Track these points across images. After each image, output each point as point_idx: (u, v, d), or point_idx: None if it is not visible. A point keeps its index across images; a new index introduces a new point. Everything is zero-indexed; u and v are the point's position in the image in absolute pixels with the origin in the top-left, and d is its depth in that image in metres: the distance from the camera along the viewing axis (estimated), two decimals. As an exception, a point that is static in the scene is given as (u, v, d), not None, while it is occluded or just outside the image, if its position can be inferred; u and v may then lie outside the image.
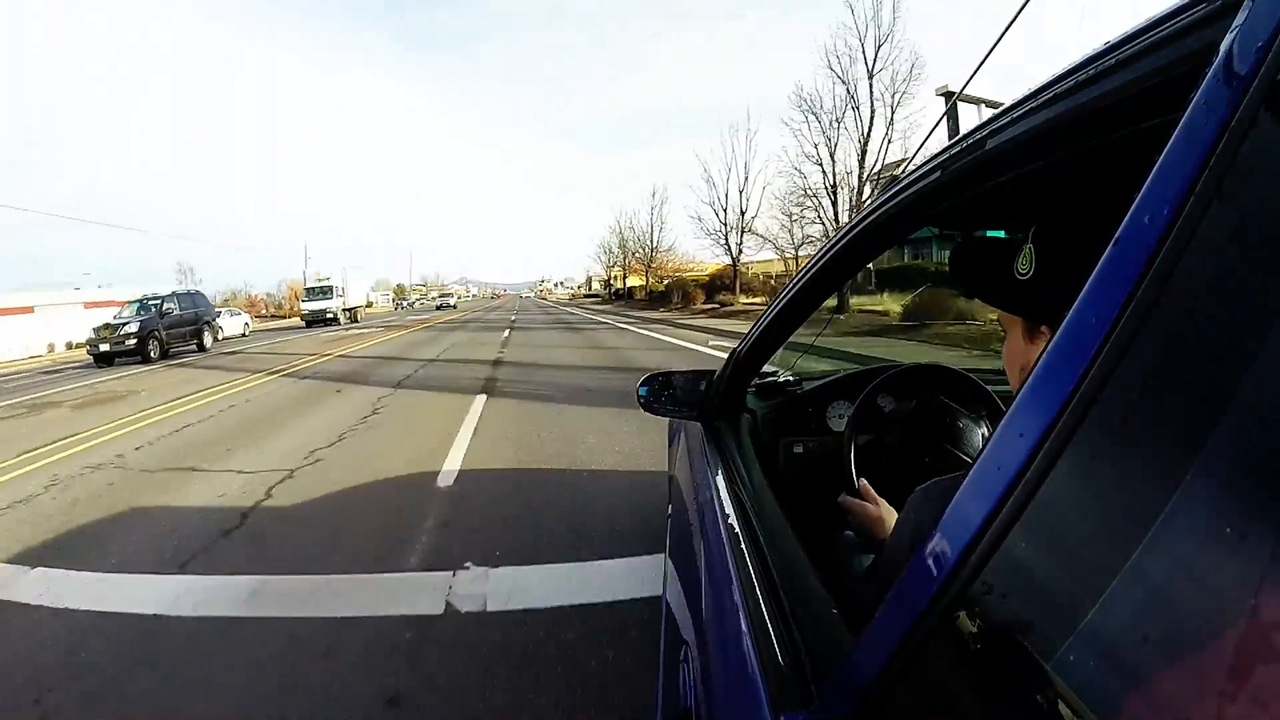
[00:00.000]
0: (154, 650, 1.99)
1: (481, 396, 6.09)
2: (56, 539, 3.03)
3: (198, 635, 2.07)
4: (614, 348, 10.93)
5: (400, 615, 2.09)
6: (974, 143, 0.60)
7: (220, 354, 14.22)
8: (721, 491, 0.99)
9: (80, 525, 3.21)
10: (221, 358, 13.07)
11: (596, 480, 3.42)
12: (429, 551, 2.59)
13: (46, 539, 3.04)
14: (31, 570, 2.68)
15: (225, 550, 2.75)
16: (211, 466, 4.15)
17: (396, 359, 10.37)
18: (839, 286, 1.10)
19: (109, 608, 2.28)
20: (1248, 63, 0.28)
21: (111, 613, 2.24)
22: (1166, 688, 0.24)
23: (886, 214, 0.79)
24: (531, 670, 1.77)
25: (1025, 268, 0.59)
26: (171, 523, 3.14)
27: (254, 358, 12.54)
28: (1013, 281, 0.61)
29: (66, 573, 2.62)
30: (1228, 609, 0.23)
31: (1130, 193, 0.32)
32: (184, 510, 3.33)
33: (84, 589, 2.45)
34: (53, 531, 3.12)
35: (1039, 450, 0.31)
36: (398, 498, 3.31)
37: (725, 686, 0.66)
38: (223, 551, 2.74)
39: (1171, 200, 0.29)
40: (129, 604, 2.29)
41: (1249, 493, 0.23)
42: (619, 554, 2.46)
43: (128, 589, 2.43)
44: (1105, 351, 0.29)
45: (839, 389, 1.56)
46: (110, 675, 1.88)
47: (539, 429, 4.63)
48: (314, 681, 1.78)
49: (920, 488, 0.64)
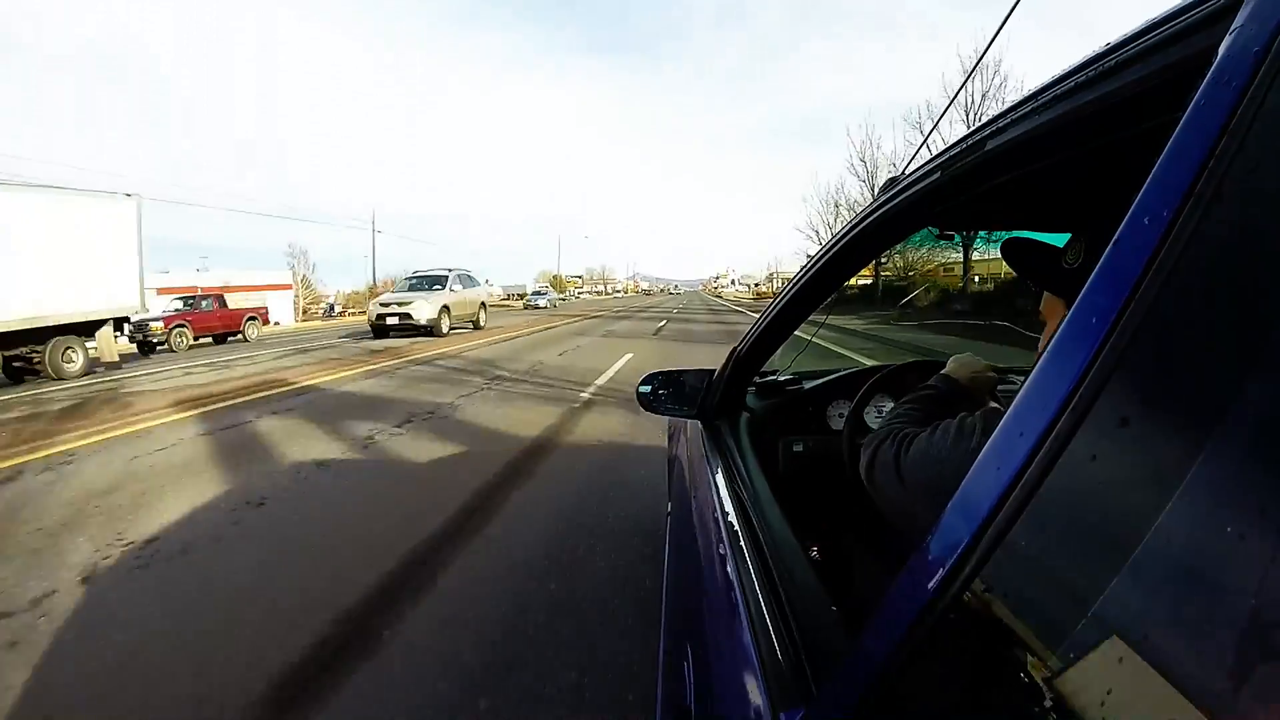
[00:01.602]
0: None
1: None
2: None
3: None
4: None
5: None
6: (974, 144, 0.60)
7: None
8: (721, 490, 0.99)
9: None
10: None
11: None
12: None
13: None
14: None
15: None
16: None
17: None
18: (840, 285, 1.10)
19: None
20: (1247, 64, 0.28)
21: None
22: (1168, 686, 0.24)
23: (887, 213, 0.79)
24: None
25: (1074, 258, 0.67)
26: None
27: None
28: (1060, 269, 0.69)
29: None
30: (1228, 608, 0.23)
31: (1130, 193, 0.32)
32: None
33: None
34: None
35: (1039, 449, 0.31)
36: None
37: (725, 685, 0.66)
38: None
39: (1171, 201, 0.29)
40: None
41: (1249, 493, 0.23)
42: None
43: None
44: (1106, 351, 0.30)
45: (839, 388, 1.56)
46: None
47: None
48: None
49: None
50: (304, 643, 1.79)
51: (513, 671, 1.65)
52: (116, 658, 1.76)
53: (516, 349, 10.00)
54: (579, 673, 1.63)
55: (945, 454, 0.64)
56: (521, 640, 1.79)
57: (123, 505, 3.02)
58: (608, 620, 1.89)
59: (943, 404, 0.86)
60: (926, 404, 0.84)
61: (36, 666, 1.74)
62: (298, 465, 3.60)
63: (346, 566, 2.27)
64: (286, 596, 2.08)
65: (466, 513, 2.76)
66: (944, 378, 0.92)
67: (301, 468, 3.55)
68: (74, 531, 2.71)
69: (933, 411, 0.81)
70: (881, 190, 0.83)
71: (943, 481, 0.62)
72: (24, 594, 2.15)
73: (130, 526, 2.74)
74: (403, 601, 2.01)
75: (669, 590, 1.28)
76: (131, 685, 1.64)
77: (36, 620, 1.98)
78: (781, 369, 1.68)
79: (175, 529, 2.70)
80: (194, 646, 1.81)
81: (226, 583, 2.18)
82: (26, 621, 1.97)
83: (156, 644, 1.83)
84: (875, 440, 0.75)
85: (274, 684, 1.62)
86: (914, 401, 0.85)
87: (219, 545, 2.51)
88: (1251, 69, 0.28)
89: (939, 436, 0.67)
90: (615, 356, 8.50)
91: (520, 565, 2.25)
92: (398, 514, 2.79)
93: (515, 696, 1.55)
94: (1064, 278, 0.68)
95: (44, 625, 1.95)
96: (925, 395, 0.87)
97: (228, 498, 3.09)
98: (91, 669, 1.72)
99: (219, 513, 2.88)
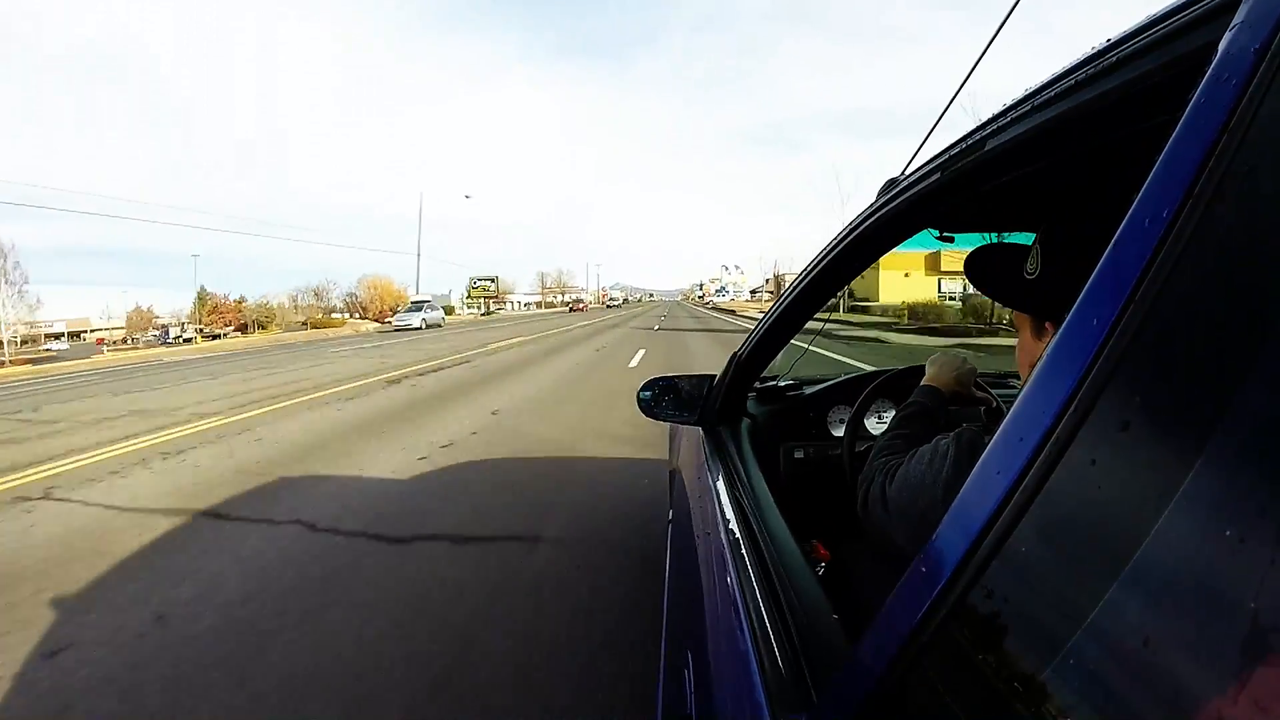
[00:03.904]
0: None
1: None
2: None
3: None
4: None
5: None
6: (974, 143, 0.60)
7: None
8: (722, 496, 0.99)
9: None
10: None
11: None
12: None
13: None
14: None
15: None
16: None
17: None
18: (840, 288, 1.10)
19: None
20: (1247, 62, 0.28)
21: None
22: (1167, 692, 0.24)
23: (887, 215, 0.79)
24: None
25: (1032, 268, 0.62)
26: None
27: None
28: (1021, 281, 0.64)
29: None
30: (1228, 612, 0.22)
31: (1130, 193, 0.31)
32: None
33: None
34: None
35: (1039, 453, 0.30)
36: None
37: (725, 691, 0.65)
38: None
39: (1171, 200, 0.29)
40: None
41: (1249, 495, 0.23)
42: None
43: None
44: (1105, 354, 0.29)
45: (839, 393, 1.55)
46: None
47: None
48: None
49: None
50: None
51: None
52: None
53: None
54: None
55: (921, 478, 0.65)
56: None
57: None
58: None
59: (926, 419, 0.87)
60: (913, 424, 0.85)
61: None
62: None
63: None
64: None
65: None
66: (925, 390, 0.92)
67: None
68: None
69: (918, 432, 0.82)
70: (881, 191, 0.82)
71: (921, 507, 0.63)
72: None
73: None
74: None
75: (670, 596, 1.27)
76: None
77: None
78: (782, 374, 1.68)
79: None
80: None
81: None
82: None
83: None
84: (866, 480, 0.76)
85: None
86: (901, 424, 0.86)
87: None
88: (1251, 66, 0.27)
89: (914, 463, 0.67)
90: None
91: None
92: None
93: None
94: (1023, 290, 0.63)
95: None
96: (910, 414, 0.87)
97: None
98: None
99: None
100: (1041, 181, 0.67)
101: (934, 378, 0.94)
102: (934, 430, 0.74)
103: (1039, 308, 0.63)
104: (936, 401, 0.90)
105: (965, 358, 0.96)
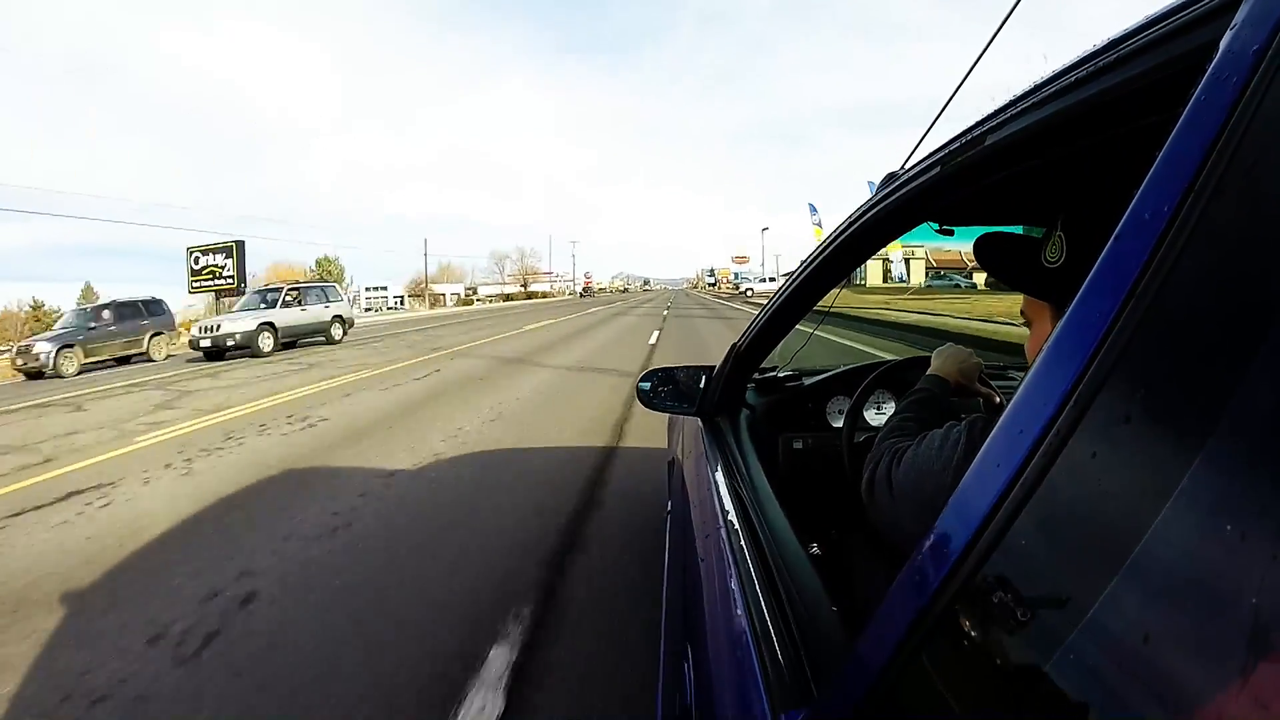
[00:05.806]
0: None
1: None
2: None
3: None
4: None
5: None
6: (974, 139, 0.60)
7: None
8: (721, 488, 0.99)
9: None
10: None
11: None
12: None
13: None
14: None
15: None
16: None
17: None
18: (839, 280, 1.10)
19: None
20: (1247, 60, 0.28)
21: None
22: (1167, 686, 0.24)
23: (886, 209, 0.79)
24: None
25: (1055, 256, 0.60)
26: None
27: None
28: (1042, 270, 0.62)
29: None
30: (1228, 608, 0.23)
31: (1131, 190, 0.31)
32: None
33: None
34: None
35: (1039, 447, 0.30)
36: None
37: (725, 684, 0.66)
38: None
39: (1172, 197, 0.29)
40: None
41: (1250, 491, 0.23)
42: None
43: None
44: (1106, 349, 0.29)
45: (839, 384, 1.55)
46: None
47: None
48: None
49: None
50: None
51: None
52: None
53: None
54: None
55: (931, 464, 0.65)
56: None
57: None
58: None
59: (934, 405, 0.86)
60: (919, 409, 0.85)
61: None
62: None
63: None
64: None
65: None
66: (932, 378, 0.92)
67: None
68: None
69: (925, 417, 0.82)
70: (881, 185, 0.82)
71: (929, 492, 0.63)
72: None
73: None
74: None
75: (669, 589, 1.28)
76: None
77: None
78: (781, 365, 1.68)
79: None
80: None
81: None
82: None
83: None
84: (873, 460, 0.75)
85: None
86: (907, 410, 0.86)
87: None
88: (1251, 65, 0.27)
89: (924, 447, 0.67)
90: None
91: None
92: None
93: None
94: (1043, 278, 0.61)
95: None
96: (917, 400, 0.87)
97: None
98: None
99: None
100: (1042, 176, 0.67)
101: (940, 369, 0.94)
102: (943, 418, 0.73)
103: (1065, 298, 0.62)
104: (942, 388, 0.90)
105: (971, 351, 0.96)
